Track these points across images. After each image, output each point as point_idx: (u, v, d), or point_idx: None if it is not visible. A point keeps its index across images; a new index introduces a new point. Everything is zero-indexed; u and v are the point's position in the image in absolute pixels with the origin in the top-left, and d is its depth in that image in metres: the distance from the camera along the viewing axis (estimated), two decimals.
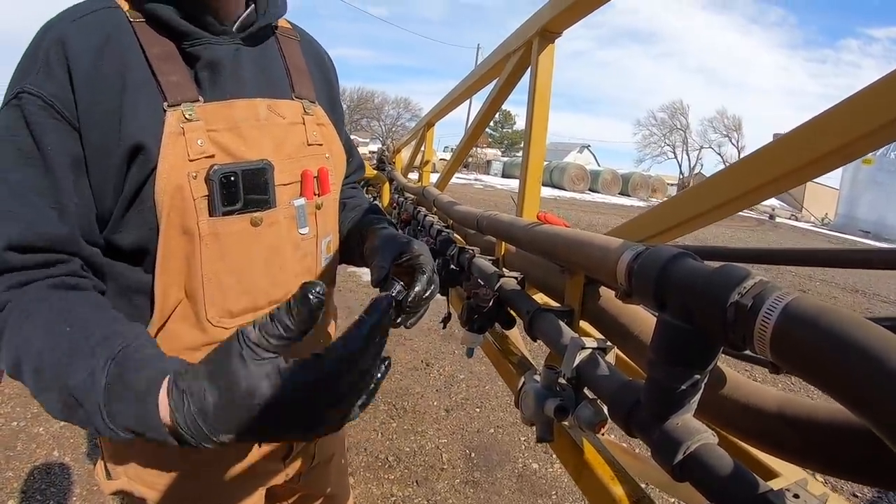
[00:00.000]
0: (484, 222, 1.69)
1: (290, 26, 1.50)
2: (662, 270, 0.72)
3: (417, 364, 6.06)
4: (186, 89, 1.15)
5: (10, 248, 1.01)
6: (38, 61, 1.06)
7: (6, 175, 1.03)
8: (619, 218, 25.69)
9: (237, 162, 1.18)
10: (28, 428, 4.62)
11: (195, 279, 1.17)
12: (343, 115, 1.63)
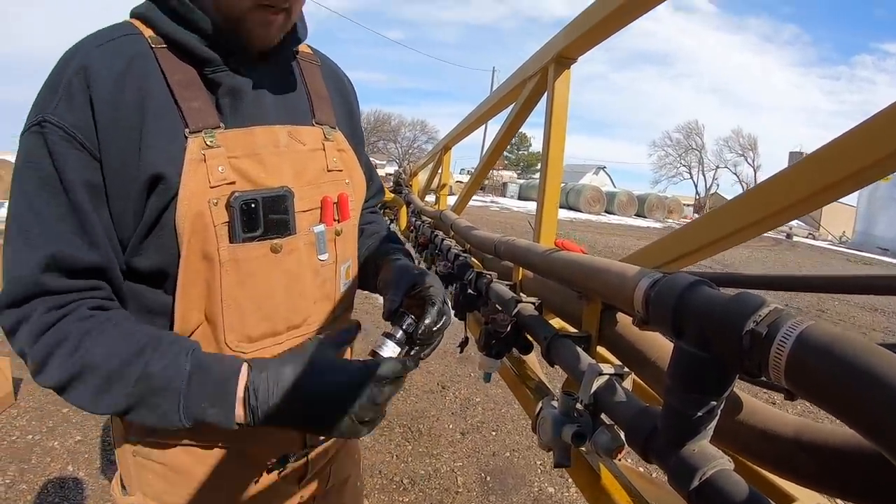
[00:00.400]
0: (501, 247, 1.70)
1: (310, 51, 1.53)
2: (679, 298, 0.73)
3: (433, 387, 6.07)
4: (208, 116, 1.18)
5: (45, 271, 1.06)
6: (61, 90, 1.10)
7: (32, 203, 1.08)
8: (636, 239, 25.63)
9: (258, 189, 1.20)
10: (43, 441, 4.66)
11: (215, 304, 1.19)
12: (363, 138, 1.66)
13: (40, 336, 1.07)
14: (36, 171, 1.09)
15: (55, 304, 1.08)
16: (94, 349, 1.06)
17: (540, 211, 1.85)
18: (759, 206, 0.95)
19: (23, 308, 1.08)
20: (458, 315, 1.84)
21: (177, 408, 1.06)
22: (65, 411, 5.24)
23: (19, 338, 1.09)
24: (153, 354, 1.07)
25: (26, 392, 5.66)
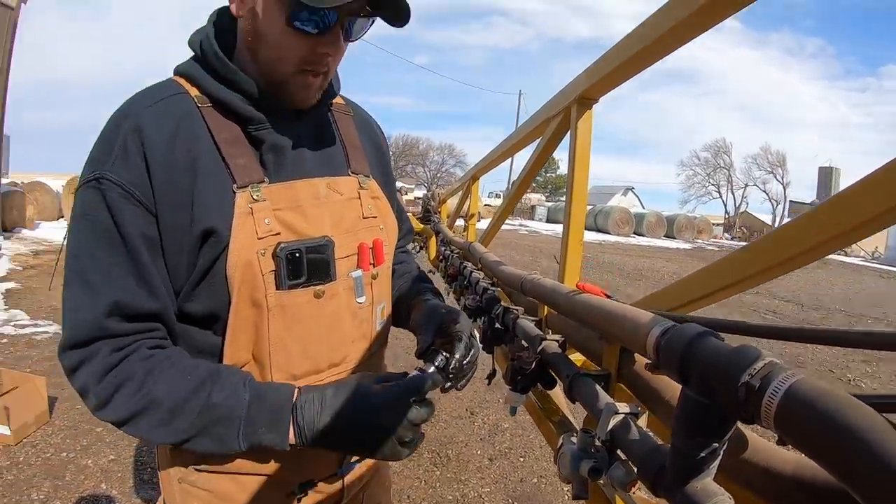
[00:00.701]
0: (528, 286, 1.77)
1: (343, 102, 1.62)
2: (686, 348, 0.80)
3: (462, 412, 6.11)
4: (253, 172, 1.29)
5: (108, 316, 1.17)
6: (117, 148, 1.20)
7: (93, 253, 1.19)
8: (665, 261, 25.47)
9: (301, 239, 1.30)
10: (77, 459, 4.79)
11: (262, 345, 1.29)
12: (394, 182, 1.75)
13: (105, 375, 1.17)
14: (96, 224, 1.19)
15: (117, 345, 1.19)
16: (158, 386, 1.17)
17: (564, 250, 1.92)
18: (771, 253, 1.01)
19: (86, 349, 1.18)
20: (485, 349, 1.92)
21: (236, 434, 1.18)
22: (98, 430, 5.36)
23: (81, 376, 1.19)
24: (213, 387, 1.18)
25: (61, 411, 5.80)
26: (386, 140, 1.77)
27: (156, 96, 1.28)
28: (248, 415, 1.18)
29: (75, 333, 1.18)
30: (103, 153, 1.21)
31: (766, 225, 62.94)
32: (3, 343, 8.77)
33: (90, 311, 1.18)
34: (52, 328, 9.70)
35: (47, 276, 13.38)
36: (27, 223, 21.97)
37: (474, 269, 2.82)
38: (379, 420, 1.21)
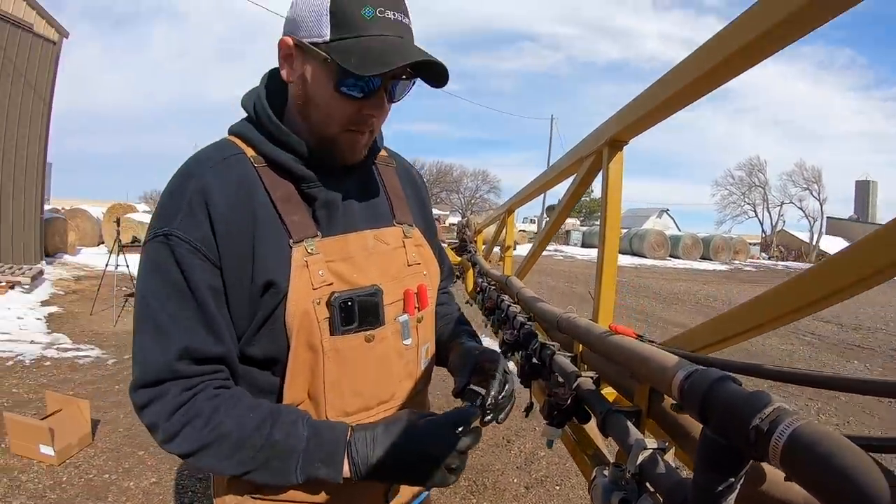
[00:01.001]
0: (563, 324, 1.86)
1: (386, 154, 1.75)
2: (706, 392, 0.91)
3: (498, 440, 6.15)
4: (307, 227, 1.42)
5: (179, 360, 1.29)
6: (183, 208, 1.33)
7: (163, 303, 1.32)
8: (702, 284, 25.32)
9: (352, 288, 1.42)
10: (119, 481, 4.95)
11: (318, 385, 1.41)
12: (435, 228, 1.88)
13: (174, 412, 1.29)
14: (166, 276, 1.32)
15: (186, 385, 1.31)
16: (223, 423, 1.28)
17: (598, 290, 2.01)
18: (790, 299, 1.10)
19: (156, 388, 1.31)
20: (523, 383, 2.01)
21: (294, 468, 1.29)
22: (140, 454, 5.53)
23: (151, 412, 1.31)
24: (274, 425, 1.30)
25: (103, 433, 5.98)
26: (426, 187, 1.90)
27: (216, 157, 1.42)
28: (307, 451, 1.29)
29: (147, 374, 1.31)
30: (171, 211, 1.34)
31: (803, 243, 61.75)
32: (46, 366, 8.97)
33: (161, 355, 1.30)
34: (94, 352, 9.91)
35: (89, 302, 13.62)
36: (69, 249, 22.42)
37: (511, 302, 2.90)
38: (427, 450, 1.31)
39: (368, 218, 1.55)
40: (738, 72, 1.32)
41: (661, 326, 13.87)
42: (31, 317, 12.58)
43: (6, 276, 14.47)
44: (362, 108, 1.38)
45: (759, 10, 1.15)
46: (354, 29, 1.29)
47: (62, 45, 19.22)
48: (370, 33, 1.29)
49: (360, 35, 1.29)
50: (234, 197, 1.36)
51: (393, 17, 1.32)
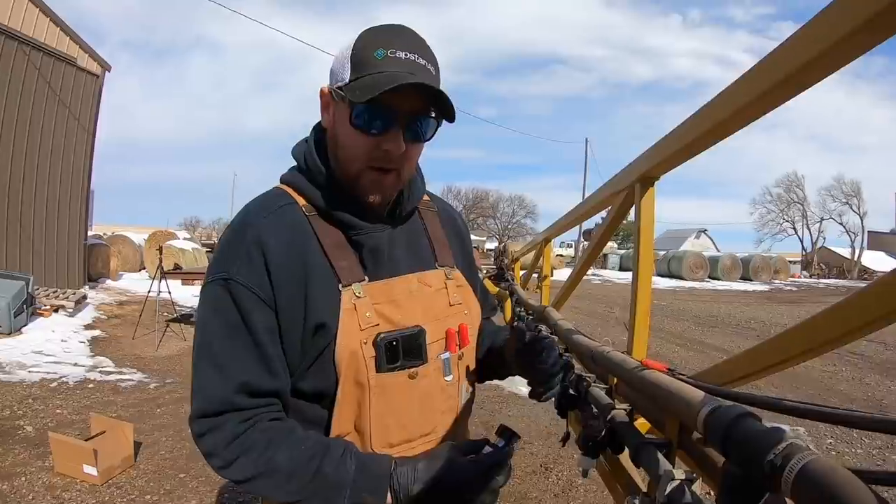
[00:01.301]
0: (598, 357, 1.95)
1: (428, 199, 1.85)
2: (728, 427, 1.00)
3: (536, 468, 6.16)
4: (355, 272, 1.54)
5: (237, 392, 1.41)
6: (241, 255, 1.46)
7: (223, 341, 1.45)
8: (742, 305, 25.12)
9: (397, 329, 1.53)
10: (161, 502, 5.13)
11: (364, 419, 1.52)
12: (476, 268, 1.98)
13: (231, 442, 1.40)
14: (225, 316, 1.45)
15: (243, 417, 1.42)
16: (276, 454, 1.39)
17: (632, 323, 2.09)
18: (813, 337, 1.17)
19: (215, 419, 1.42)
20: (560, 413, 2.08)
21: (342, 499, 1.38)
22: (181, 476, 5.68)
23: (209, 441, 1.43)
24: (323, 458, 1.39)
25: (146, 456, 6.15)
26: (468, 229, 2.01)
27: (270, 207, 1.55)
28: (354, 483, 1.38)
29: (206, 405, 1.43)
30: (230, 257, 1.47)
31: (844, 259, 60.77)
32: (89, 388, 9.18)
33: (220, 389, 1.42)
34: (137, 376, 10.10)
35: (131, 326, 13.83)
36: (111, 274, 22.81)
37: (549, 333, 2.95)
38: (462, 490, 1.40)
39: (412, 262, 1.66)
40: (768, 108, 1.36)
41: (699, 350, 13.83)
42: (74, 340, 12.83)
43: (51, 299, 14.77)
44: (380, 143, 1.48)
45: (791, 47, 1.18)
46: (368, 68, 1.42)
47: (105, 78, 19.74)
48: (380, 70, 1.41)
49: (372, 73, 1.42)
50: (287, 244, 1.48)
51: (404, 56, 1.44)
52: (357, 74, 1.44)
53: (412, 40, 1.48)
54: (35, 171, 17.11)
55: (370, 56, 1.43)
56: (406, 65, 1.43)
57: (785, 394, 9.68)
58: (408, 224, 1.71)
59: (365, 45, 1.45)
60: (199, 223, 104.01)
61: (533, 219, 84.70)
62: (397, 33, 1.48)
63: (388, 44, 1.44)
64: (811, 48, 1.08)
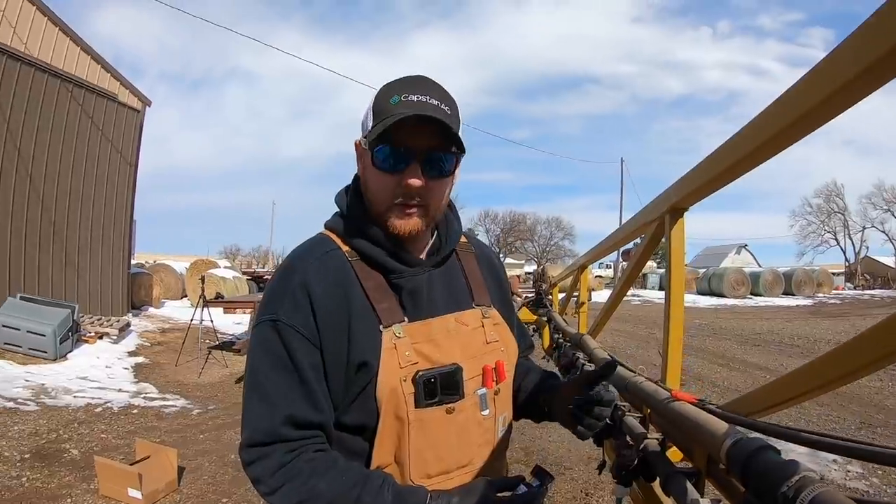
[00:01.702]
0: (631, 387, 2.01)
1: (465, 240, 1.94)
2: (747, 459, 1.08)
3: (577, 493, 6.19)
4: (395, 314, 1.63)
5: (285, 425, 1.51)
6: (288, 297, 1.57)
7: (269, 377, 1.55)
8: (785, 322, 24.80)
9: (435, 367, 1.62)
10: None
11: (403, 451, 1.59)
12: (513, 306, 2.06)
13: (278, 470, 1.49)
14: (273, 354, 1.55)
15: (289, 448, 1.51)
16: (319, 483, 1.48)
17: (665, 353, 2.14)
18: (847, 362, 1.19)
19: (263, 448, 1.52)
20: (595, 442, 2.14)
21: None
22: (224, 501, 5.82)
23: (257, 468, 1.52)
24: (364, 488, 1.48)
25: (189, 480, 6.31)
26: (504, 268, 2.10)
27: (315, 253, 1.66)
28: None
29: (255, 436, 1.53)
30: (278, 300, 1.58)
31: (889, 268, 59.59)
32: (133, 414, 9.40)
33: (268, 421, 1.52)
34: (179, 402, 10.28)
35: (173, 353, 14.04)
36: (154, 302, 23.15)
37: (586, 361, 3.04)
38: None
39: (450, 302, 1.75)
40: (798, 138, 1.33)
41: (742, 370, 13.69)
42: (118, 366, 13.11)
43: (95, 326, 15.08)
44: (401, 180, 1.58)
45: (820, 74, 1.12)
46: (384, 114, 1.54)
47: (145, 113, 20.29)
48: (393, 113, 1.52)
49: (386, 116, 1.53)
50: (331, 288, 1.59)
51: (416, 98, 1.54)
52: (376, 121, 1.56)
53: (426, 85, 1.59)
54: (80, 203, 17.61)
55: (387, 103, 1.55)
56: (417, 106, 1.53)
57: (831, 411, 9.73)
58: (446, 265, 1.79)
59: (383, 95, 1.58)
60: (240, 251, 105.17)
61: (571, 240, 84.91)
62: (413, 81, 1.60)
63: (403, 90, 1.56)
64: (847, 71, 1.02)
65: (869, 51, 0.94)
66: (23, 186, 15.52)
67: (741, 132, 1.52)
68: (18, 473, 6.48)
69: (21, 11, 15.56)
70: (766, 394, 1.51)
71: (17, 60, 15.17)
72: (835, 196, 69.51)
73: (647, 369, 12.07)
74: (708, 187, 1.88)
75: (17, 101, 15.26)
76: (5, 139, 14.94)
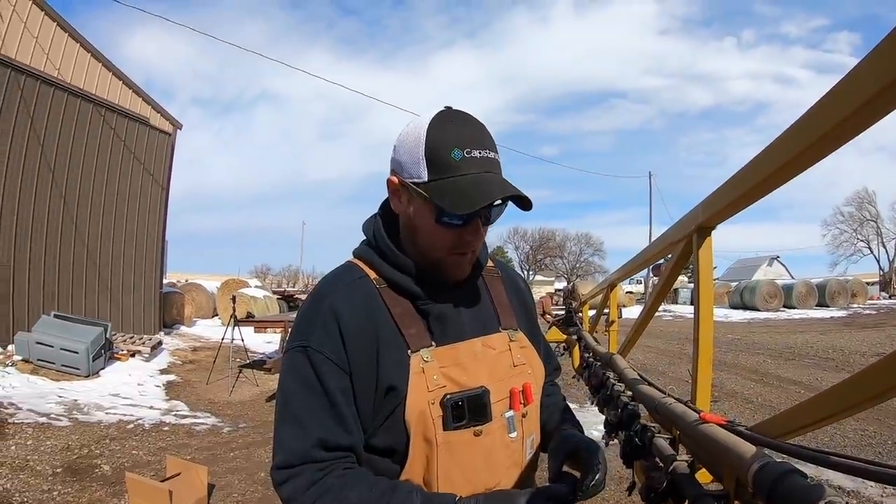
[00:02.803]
0: (661, 409, 2.02)
1: (492, 265, 1.97)
2: (773, 483, 1.09)
3: None
4: (423, 338, 1.66)
5: (315, 447, 1.55)
6: (319, 324, 1.61)
7: (302, 401, 1.59)
8: (819, 334, 24.28)
9: (463, 390, 1.64)
10: None
11: (432, 473, 1.61)
12: (540, 329, 2.09)
13: (309, 488, 1.53)
14: (304, 379, 1.59)
15: (320, 467, 1.55)
16: (349, 495, 1.51)
17: (695, 373, 2.15)
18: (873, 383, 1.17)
19: (294, 469, 1.55)
20: (625, 462, 2.14)
21: None
22: None
23: (288, 488, 1.55)
24: (393, 496, 1.51)
25: (218, 498, 6.39)
26: (530, 292, 2.13)
27: (345, 280, 1.71)
28: None
29: (287, 458, 1.56)
30: (308, 326, 1.63)
31: None
32: (164, 431, 9.50)
33: (300, 443, 1.56)
34: (210, 420, 10.36)
35: (204, 371, 14.16)
36: (185, 321, 23.41)
37: (616, 381, 3.01)
38: None
39: (476, 326, 1.77)
40: (824, 155, 1.33)
41: (777, 385, 13.48)
42: (150, 384, 13.29)
43: (127, 344, 15.31)
44: (462, 234, 1.63)
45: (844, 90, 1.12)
46: (446, 170, 1.56)
47: (176, 136, 20.68)
48: (459, 173, 1.56)
49: (452, 176, 1.56)
50: (360, 315, 1.62)
51: (479, 154, 1.58)
52: (437, 175, 1.58)
53: (478, 132, 1.62)
54: (113, 223, 17.99)
55: (447, 158, 1.56)
56: (482, 163, 1.57)
57: (867, 425, 9.55)
58: (472, 290, 1.82)
59: (437, 145, 1.58)
60: (270, 270, 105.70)
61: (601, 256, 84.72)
62: (462, 127, 1.61)
63: (460, 142, 1.57)
64: (870, 86, 1.01)
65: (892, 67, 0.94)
66: (57, 207, 15.91)
67: (766, 151, 1.53)
68: (50, 487, 6.60)
69: (54, 37, 16.03)
70: (796, 414, 1.51)
71: (50, 85, 15.61)
72: (867, 203, 68.29)
73: (678, 386, 12.03)
74: (734, 206, 1.89)
75: (51, 125, 15.73)
76: (40, 162, 15.33)
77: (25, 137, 15.01)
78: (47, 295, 15.56)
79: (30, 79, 15.10)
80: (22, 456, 7.76)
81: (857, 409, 1.26)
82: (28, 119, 15.03)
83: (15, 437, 8.53)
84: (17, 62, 14.78)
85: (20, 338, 13.21)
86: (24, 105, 14.99)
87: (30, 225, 15.25)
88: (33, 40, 15.23)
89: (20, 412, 9.83)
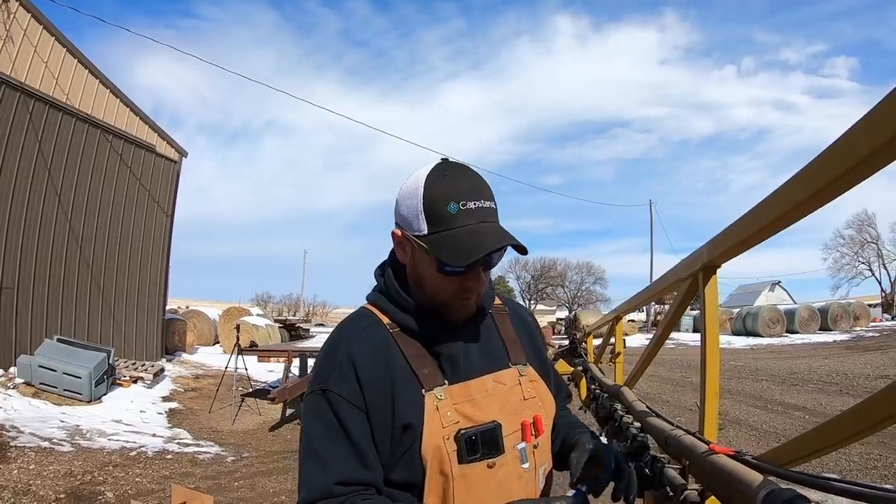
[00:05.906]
0: (670, 441, 2.09)
1: (499, 302, 2.05)
2: None
3: None
4: (436, 378, 1.73)
5: (337, 484, 1.62)
6: (336, 368, 1.70)
7: (323, 442, 1.67)
8: (822, 358, 24.02)
9: (476, 425, 1.70)
10: None
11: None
12: (548, 360, 2.16)
13: None
14: (324, 420, 1.68)
15: (342, 501, 1.62)
16: None
17: (702, 405, 2.22)
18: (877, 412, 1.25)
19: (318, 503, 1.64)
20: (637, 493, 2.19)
21: None
22: None
23: None
24: None
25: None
26: (538, 326, 2.19)
27: (359, 326, 1.80)
28: None
29: (310, 494, 1.64)
30: (326, 371, 1.72)
31: None
32: (168, 459, 9.47)
33: (322, 481, 1.63)
34: (214, 449, 10.32)
35: (207, 399, 14.13)
36: (187, 348, 23.36)
37: (624, 412, 3.09)
38: None
39: (487, 363, 1.84)
40: (828, 200, 1.38)
41: (781, 412, 13.46)
42: (152, 411, 13.25)
43: (130, 370, 15.27)
44: (464, 281, 1.71)
45: (845, 145, 1.18)
46: (444, 223, 1.65)
47: (182, 164, 20.80)
48: (457, 225, 1.64)
49: (449, 228, 1.65)
50: (375, 358, 1.71)
51: (475, 205, 1.66)
52: (435, 228, 1.66)
53: (473, 183, 1.71)
54: (117, 249, 18.04)
55: (444, 211, 1.65)
56: (478, 214, 1.66)
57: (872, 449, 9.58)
58: (481, 328, 1.89)
59: (434, 199, 1.67)
60: (271, 298, 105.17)
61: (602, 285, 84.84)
62: (457, 179, 1.70)
63: (456, 194, 1.66)
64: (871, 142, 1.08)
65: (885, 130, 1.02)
66: (62, 231, 15.96)
67: (772, 196, 1.61)
68: None
69: (63, 62, 16.16)
70: (802, 443, 1.57)
71: (59, 110, 15.70)
72: (867, 225, 68.19)
73: (683, 414, 12.03)
74: (740, 247, 1.97)
75: (59, 149, 15.83)
76: (46, 186, 15.37)
77: (33, 160, 15.09)
78: (51, 318, 15.57)
79: (39, 103, 15.20)
80: (24, 480, 7.77)
81: (860, 437, 1.34)
82: (36, 142, 15.12)
83: (17, 461, 8.52)
84: (27, 86, 14.89)
85: (23, 360, 13.19)
86: (33, 128, 15.08)
87: (35, 247, 15.30)
88: (43, 65, 15.38)
89: (22, 435, 9.80)
